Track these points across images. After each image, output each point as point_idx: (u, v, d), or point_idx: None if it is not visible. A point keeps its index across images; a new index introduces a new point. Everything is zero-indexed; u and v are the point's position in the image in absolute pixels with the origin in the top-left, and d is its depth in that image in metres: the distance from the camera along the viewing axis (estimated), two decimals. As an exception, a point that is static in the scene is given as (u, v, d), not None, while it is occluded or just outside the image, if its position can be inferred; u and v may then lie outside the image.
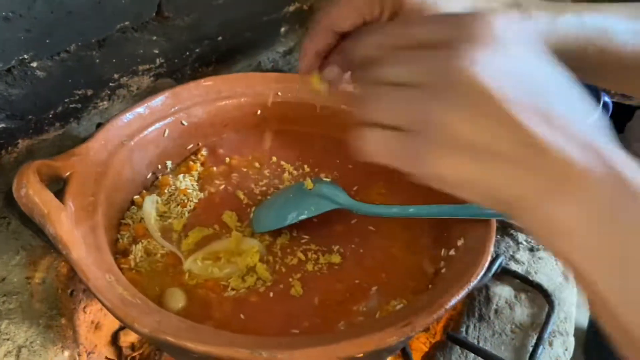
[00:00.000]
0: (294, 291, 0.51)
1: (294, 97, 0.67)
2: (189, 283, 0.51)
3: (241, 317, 0.49)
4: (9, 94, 0.64)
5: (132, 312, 0.40)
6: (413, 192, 0.60)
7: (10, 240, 0.63)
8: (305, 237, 0.56)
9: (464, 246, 0.49)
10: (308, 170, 0.64)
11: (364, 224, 0.57)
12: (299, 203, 0.56)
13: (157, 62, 0.79)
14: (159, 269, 0.53)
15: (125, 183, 0.56)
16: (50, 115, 0.70)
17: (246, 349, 0.38)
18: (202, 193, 0.60)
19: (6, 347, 0.54)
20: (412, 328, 0.40)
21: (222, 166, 0.64)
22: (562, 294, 0.64)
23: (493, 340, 0.59)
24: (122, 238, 0.54)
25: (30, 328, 0.55)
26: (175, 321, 0.41)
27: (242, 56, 0.93)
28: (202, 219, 0.57)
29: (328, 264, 0.53)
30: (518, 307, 0.63)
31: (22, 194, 0.44)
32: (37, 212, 0.44)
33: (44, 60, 0.65)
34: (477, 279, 0.43)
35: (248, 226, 0.57)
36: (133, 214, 0.56)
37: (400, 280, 0.52)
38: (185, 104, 0.62)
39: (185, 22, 0.79)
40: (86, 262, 0.43)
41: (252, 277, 0.51)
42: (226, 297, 0.50)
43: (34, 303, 0.57)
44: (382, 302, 0.50)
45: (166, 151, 0.61)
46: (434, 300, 0.42)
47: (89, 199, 0.49)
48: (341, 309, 0.49)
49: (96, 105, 0.75)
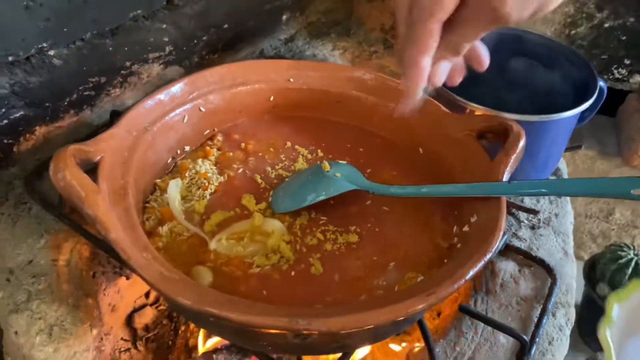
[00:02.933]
0: (315, 269, 0.53)
1: (306, 84, 0.69)
2: (215, 262, 0.53)
3: (265, 293, 0.51)
4: (28, 82, 0.65)
5: (174, 287, 0.42)
6: (423, 173, 0.63)
7: (33, 224, 0.64)
8: (323, 218, 0.58)
9: (477, 222, 0.52)
10: (322, 155, 0.66)
11: (378, 205, 0.60)
12: (317, 185, 0.58)
13: (167, 50, 0.80)
14: (184, 249, 0.55)
15: (149, 167, 0.58)
16: (66, 103, 0.71)
17: (285, 317, 0.40)
18: (222, 177, 0.62)
19: (38, 325, 0.56)
20: (435, 297, 0.43)
21: (237, 151, 0.66)
22: (563, 268, 0.68)
23: (500, 312, 0.63)
24: (148, 220, 0.56)
25: (60, 307, 0.58)
26: (213, 294, 0.44)
27: (246, 44, 0.95)
28: (223, 202, 0.59)
29: (346, 243, 0.56)
30: (522, 281, 0.66)
31: (60, 177, 0.46)
32: (75, 195, 0.46)
33: (61, 48, 0.67)
34: (493, 250, 0.47)
35: (268, 208, 0.59)
36: (157, 197, 0.59)
37: (416, 256, 0.55)
38: (203, 91, 0.64)
39: (194, 10, 0.81)
40: (125, 241, 0.45)
41: (275, 255, 0.54)
42: (251, 273, 0.52)
43: (61, 284, 0.60)
44: (400, 277, 0.53)
45: (185, 136, 0.63)
46: (454, 271, 0.45)
47: (120, 182, 0.51)
48: (361, 284, 0.52)
49: (109, 92, 0.76)
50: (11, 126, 0.66)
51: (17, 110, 0.66)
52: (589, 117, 0.79)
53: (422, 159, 0.65)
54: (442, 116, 0.64)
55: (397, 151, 0.67)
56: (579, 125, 0.78)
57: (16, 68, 0.63)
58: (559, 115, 0.69)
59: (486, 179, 0.55)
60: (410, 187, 0.58)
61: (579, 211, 1.11)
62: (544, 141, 0.73)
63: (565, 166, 0.85)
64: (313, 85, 0.69)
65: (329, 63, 0.92)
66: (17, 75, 0.64)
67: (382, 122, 0.69)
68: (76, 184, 0.46)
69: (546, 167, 0.78)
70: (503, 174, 0.54)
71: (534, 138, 0.70)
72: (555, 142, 0.75)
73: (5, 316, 0.58)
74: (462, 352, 0.60)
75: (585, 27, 0.90)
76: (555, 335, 0.62)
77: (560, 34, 0.92)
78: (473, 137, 0.60)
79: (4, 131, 0.66)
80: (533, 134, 0.69)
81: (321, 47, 1.06)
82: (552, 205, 0.77)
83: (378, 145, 0.68)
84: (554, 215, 0.76)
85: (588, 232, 1.11)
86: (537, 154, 0.74)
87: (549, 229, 0.74)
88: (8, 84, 0.63)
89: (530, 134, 0.59)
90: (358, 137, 0.69)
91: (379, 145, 0.68)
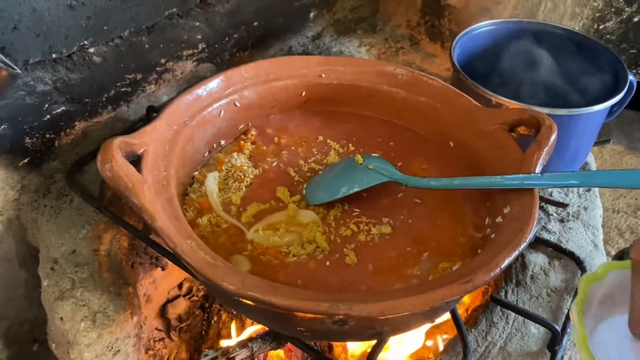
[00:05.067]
0: (349, 259, 0.54)
1: (336, 79, 0.70)
2: (252, 251, 0.55)
3: (301, 282, 0.52)
4: (69, 79, 0.67)
5: (219, 273, 0.44)
6: (454, 166, 0.64)
7: (75, 215, 0.67)
8: (356, 210, 0.60)
9: (510, 213, 0.53)
10: (353, 149, 0.68)
11: (410, 197, 0.61)
12: (351, 177, 0.60)
13: (200, 48, 0.82)
14: (223, 239, 0.56)
15: (188, 160, 0.60)
16: (104, 99, 0.74)
17: (326, 302, 0.42)
18: (257, 170, 0.63)
19: (83, 312, 0.58)
20: (472, 284, 0.44)
21: (271, 145, 0.67)
22: (593, 260, 0.68)
23: (531, 303, 0.64)
24: (188, 211, 0.58)
25: (103, 295, 0.60)
26: (255, 280, 0.45)
27: (275, 41, 0.97)
28: (259, 194, 0.61)
29: (379, 234, 0.57)
30: (552, 273, 0.67)
31: (107, 168, 0.48)
32: (122, 185, 0.48)
33: (101, 46, 0.69)
34: (527, 240, 0.47)
35: (302, 200, 0.60)
36: (195, 189, 0.60)
37: (449, 246, 0.56)
38: (238, 87, 0.66)
39: (226, 9, 0.83)
40: (170, 230, 0.47)
41: (311, 245, 0.55)
42: (288, 262, 0.54)
43: (103, 273, 0.62)
44: (434, 266, 0.54)
45: (221, 131, 0.65)
46: (490, 260, 0.46)
47: (162, 173, 0.53)
48: (395, 274, 0.53)
49: (144, 89, 0.79)
50: (53, 121, 0.69)
51: (59, 105, 0.68)
52: (617, 111, 0.79)
53: (452, 153, 0.66)
54: (473, 109, 0.65)
55: (427, 145, 0.68)
56: (607, 120, 0.78)
57: (59, 65, 0.66)
58: (588, 109, 0.70)
59: (518, 171, 0.55)
60: (444, 179, 0.59)
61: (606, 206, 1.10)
62: (572, 135, 0.73)
63: (593, 160, 0.85)
64: (344, 80, 0.70)
65: (359, 58, 0.93)
66: (60, 72, 0.66)
67: (412, 116, 0.70)
68: (123, 175, 0.48)
69: (575, 161, 0.78)
70: (535, 166, 0.55)
71: (563, 132, 0.70)
72: (584, 137, 0.76)
73: (51, 303, 0.60)
74: (494, 342, 0.61)
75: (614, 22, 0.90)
76: (586, 326, 0.63)
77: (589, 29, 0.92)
78: (505, 130, 0.61)
79: (46, 126, 0.69)
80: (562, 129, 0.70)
81: (348, 44, 1.08)
82: (581, 199, 0.78)
83: (408, 139, 0.69)
84: (583, 208, 0.76)
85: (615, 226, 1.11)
86: (566, 148, 0.74)
87: (578, 222, 0.74)
88: (51, 80, 0.65)
89: (559, 129, 0.59)
90: (388, 131, 0.70)
91: (410, 139, 0.69)
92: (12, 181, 0.68)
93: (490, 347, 0.60)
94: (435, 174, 0.64)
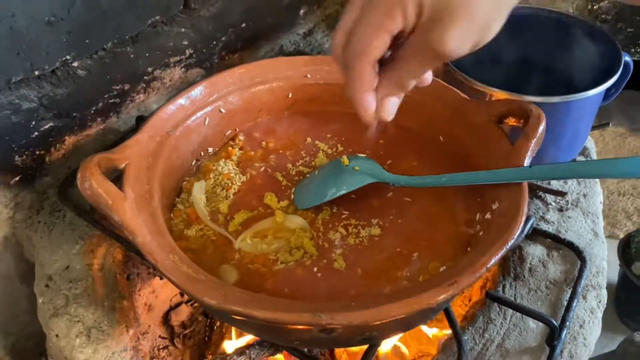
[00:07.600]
0: (337, 265, 0.54)
1: (323, 79, 0.70)
2: (240, 260, 0.55)
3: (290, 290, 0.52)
4: (55, 94, 0.67)
5: (200, 287, 0.44)
6: (444, 161, 0.63)
7: (68, 231, 0.67)
8: (345, 212, 0.59)
9: (498, 209, 0.52)
10: (342, 149, 0.67)
11: (400, 196, 0.60)
12: (338, 179, 0.59)
13: (187, 53, 0.82)
14: (210, 249, 0.56)
15: (174, 170, 0.60)
16: (93, 112, 0.74)
17: (307, 313, 0.41)
18: (244, 176, 0.63)
19: (77, 328, 0.59)
20: (457, 287, 0.43)
21: (259, 150, 0.67)
22: (593, 249, 0.67)
23: (529, 297, 0.63)
24: (177, 222, 0.58)
25: (97, 310, 0.60)
26: (238, 293, 0.45)
27: (265, 41, 0.96)
28: (246, 201, 0.61)
29: (369, 237, 0.56)
30: (551, 264, 0.66)
31: (87, 186, 0.48)
32: (102, 202, 0.48)
33: (84, 59, 0.69)
34: (515, 238, 0.46)
35: (290, 205, 0.60)
36: (184, 199, 0.60)
37: (439, 245, 0.55)
38: (222, 93, 0.65)
39: (211, 12, 0.82)
40: (151, 245, 0.47)
41: (299, 251, 0.55)
42: (276, 270, 0.53)
43: (97, 287, 0.62)
44: (424, 267, 0.53)
45: (207, 138, 0.65)
46: (475, 261, 0.45)
47: (145, 187, 0.53)
48: (385, 276, 0.53)
49: (133, 98, 0.78)
50: (42, 137, 0.69)
51: (47, 121, 0.68)
52: (615, 94, 0.77)
53: (443, 148, 0.65)
54: (462, 103, 0.64)
55: (417, 141, 0.67)
56: (605, 103, 0.77)
57: (43, 81, 0.66)
58: (582, 94, 0.68)
59: (507, 165, 0.54)
60: (430, 177, 0.58)
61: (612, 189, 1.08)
62: (568, 122, 0.71)
63: (593, 145, 0.84)
64: (330, 79, 0.69)
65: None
66: (45, 88, 0.66)
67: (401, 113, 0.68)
68: (102, 192, 0.48)
69: (572, 148, 0.77)
70: (524, 159, 0.54)
71: (558, 119, 0.69)
72: (580, 122, 0.74)
73: (47, 320, 0.60)
74: (491, 339, 0.60)
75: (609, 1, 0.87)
76: (587, 318, 0.62)
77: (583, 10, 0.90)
78: (493, 123, 0.60)
79: (35, 143, 0.69)
80: (556, 115, 0.68)
81: (340, 39, 1.06)
82: (580, 185, 0.76)
83: (397, 135, 0.68)
84: (582, 195, 0.74)
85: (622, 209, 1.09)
86: (562, 135, 0.73)
87: (578, 210, 0.73)
88: (36, 97, 0.65)
89: (553, 116, 0.58)
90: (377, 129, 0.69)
91: (399, 136, 0.68)
92: (6, 199, 0.69)
93: (488, 345, 0.59)
94: (426, 170, 0.63)
